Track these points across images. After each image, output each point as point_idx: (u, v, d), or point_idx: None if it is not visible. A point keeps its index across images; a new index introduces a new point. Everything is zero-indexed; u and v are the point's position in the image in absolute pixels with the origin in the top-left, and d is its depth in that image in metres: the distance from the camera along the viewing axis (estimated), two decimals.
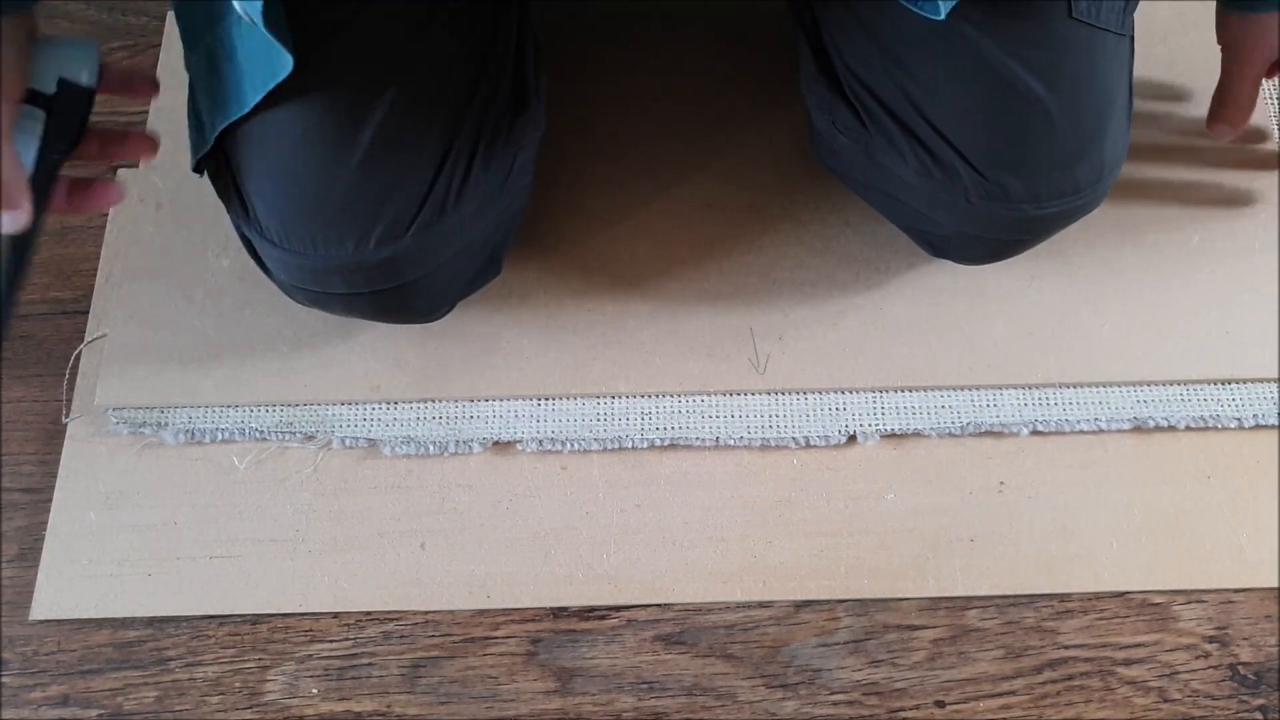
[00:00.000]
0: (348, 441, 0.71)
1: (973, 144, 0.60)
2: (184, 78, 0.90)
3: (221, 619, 0.67)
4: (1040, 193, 0.61)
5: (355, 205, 0.58)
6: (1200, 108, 0.75)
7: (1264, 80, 0.71)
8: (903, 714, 0.64)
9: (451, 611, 0.67)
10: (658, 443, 0.70)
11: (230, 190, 0.60)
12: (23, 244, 0.52)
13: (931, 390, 0.71)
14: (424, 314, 0.68)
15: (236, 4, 0.53)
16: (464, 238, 0.63)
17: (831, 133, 0.65)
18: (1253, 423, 0.70)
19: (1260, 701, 0.64)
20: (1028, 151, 0.60)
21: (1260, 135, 0.80)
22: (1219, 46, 0.70)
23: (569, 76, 0.82)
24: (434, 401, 0.71)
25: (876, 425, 0.70)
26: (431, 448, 0.70)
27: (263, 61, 0.54)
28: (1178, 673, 0.65)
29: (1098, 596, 0.67)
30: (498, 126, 0.62)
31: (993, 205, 0.62)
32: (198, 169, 0.60)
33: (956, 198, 0.62)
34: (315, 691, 0.65)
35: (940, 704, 0.64)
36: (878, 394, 0.71)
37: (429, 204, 0.59)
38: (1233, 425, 0.70)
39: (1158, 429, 0.70)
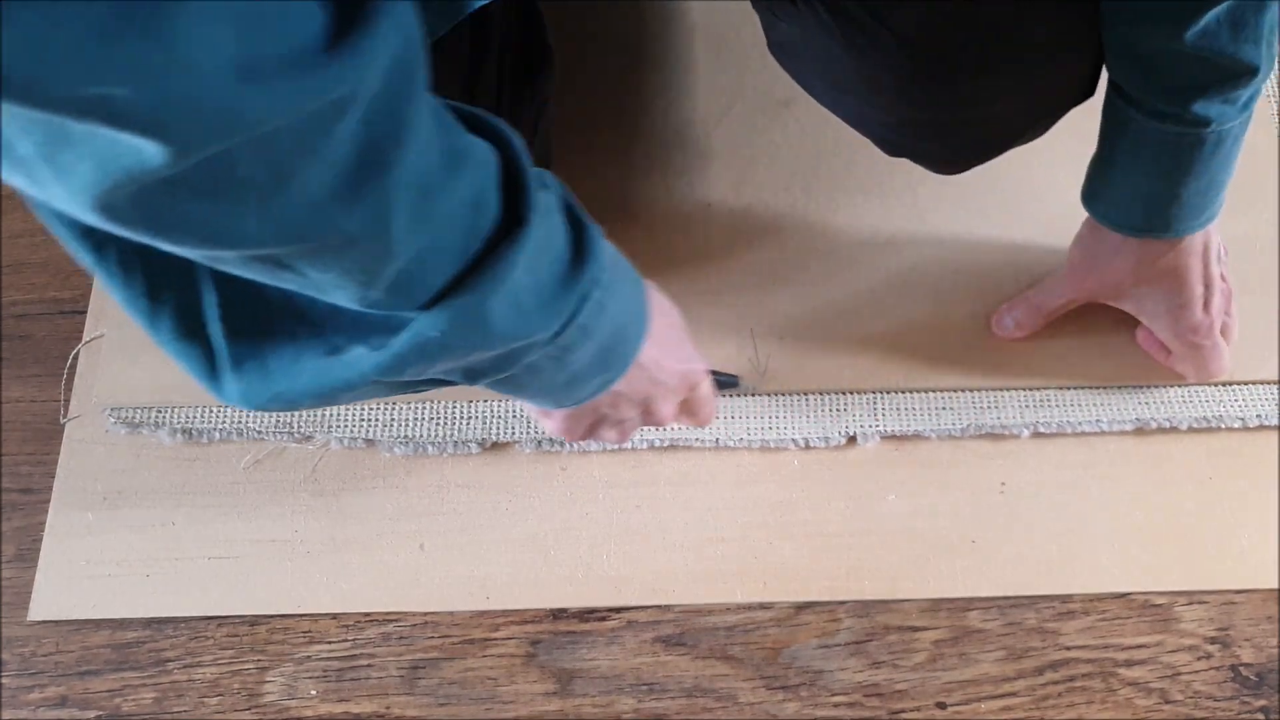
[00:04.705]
0: (346, 442, 0.70)
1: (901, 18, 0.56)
2: None
3: (220, 620, 0.66)
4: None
5: None
6: None
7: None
8: (904, 715, 0.64)
9: (451, 612, 0.66)
10: (658, 443, 0.70)
11: None
12: None
13: (931, 391, 0.71)
14: None
15: None
16: None
17: (771, 20, 0.63)
18: (1254, 423, 0.70)
19: (1262, 703, 0.64)
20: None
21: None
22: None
23: (569, 78, 0.82)
24: (432, 401, 0.71)
25: (876, 426, 0.70)
26: (430, 448, 0.70)
27: None
28: (1179, 674, 0.64)
29: (1099, 598, 0.66)
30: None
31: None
32: None
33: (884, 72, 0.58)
34: (314, 693, 0.65)
35: (941, 705, 0.64)
36: (878, 394, 0.71)
37: None
38: (1235, 426, 0.70)
39: (1159, 430, 0.70)
